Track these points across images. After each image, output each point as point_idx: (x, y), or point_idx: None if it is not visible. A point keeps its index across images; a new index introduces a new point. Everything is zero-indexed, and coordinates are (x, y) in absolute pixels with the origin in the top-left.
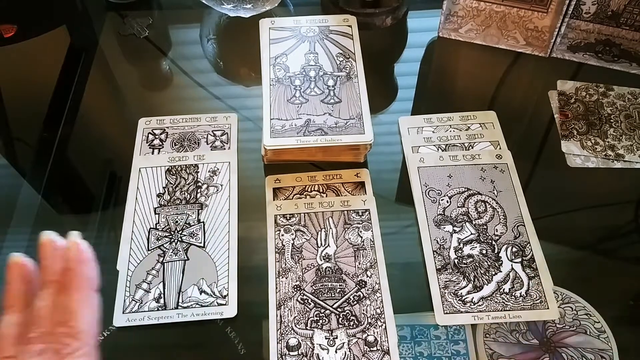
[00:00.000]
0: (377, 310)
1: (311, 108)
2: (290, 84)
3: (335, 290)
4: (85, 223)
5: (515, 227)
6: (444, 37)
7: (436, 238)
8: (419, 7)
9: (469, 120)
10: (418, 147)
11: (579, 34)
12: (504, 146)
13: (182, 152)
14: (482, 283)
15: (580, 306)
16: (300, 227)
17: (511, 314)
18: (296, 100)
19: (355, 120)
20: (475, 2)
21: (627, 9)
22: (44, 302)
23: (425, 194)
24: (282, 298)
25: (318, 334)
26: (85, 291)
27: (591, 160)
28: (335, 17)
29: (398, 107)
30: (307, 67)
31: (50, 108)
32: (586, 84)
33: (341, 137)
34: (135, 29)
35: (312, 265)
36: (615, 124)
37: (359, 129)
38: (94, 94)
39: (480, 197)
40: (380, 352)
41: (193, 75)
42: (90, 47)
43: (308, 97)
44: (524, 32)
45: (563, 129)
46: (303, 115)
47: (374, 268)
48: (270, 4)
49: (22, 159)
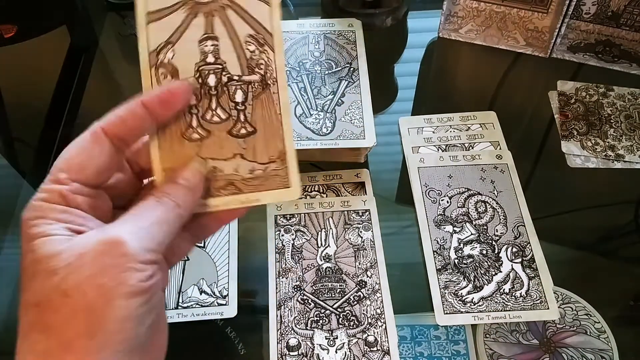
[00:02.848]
0: (377, 310)
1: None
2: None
3: (335, 291)
4: None
5: (516, 227)
6: (444, 37)
7: (436, 238)
8: (419, 8)
9: (469, 121)
10: (418, 148)
11: (579, 34)
12: (504, 146)
13: None
14: (482, 283)
15: (580, 306)
16: (301, 228)
17: (511, 314)
18: (194, 134)
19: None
20: (476, 3)
21: (627, 10)
22: None
23: (425, 194)
24: (282, 298)
25: (318, 334)
26: None
27: (591, 161)
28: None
29: (398, 107)
30: (203, 67)
31: (50, 108)
32: (586, 84)
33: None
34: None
35: (312, 266)
36: (615, 125)
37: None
38: (94, 94)
39: (481, 198)
40: (380, 352)
41: None
42: (90, 47)
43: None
44: (524, 32)
45: (563, 129)
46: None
47: (374, 268)
48: None
49: (22, 159)
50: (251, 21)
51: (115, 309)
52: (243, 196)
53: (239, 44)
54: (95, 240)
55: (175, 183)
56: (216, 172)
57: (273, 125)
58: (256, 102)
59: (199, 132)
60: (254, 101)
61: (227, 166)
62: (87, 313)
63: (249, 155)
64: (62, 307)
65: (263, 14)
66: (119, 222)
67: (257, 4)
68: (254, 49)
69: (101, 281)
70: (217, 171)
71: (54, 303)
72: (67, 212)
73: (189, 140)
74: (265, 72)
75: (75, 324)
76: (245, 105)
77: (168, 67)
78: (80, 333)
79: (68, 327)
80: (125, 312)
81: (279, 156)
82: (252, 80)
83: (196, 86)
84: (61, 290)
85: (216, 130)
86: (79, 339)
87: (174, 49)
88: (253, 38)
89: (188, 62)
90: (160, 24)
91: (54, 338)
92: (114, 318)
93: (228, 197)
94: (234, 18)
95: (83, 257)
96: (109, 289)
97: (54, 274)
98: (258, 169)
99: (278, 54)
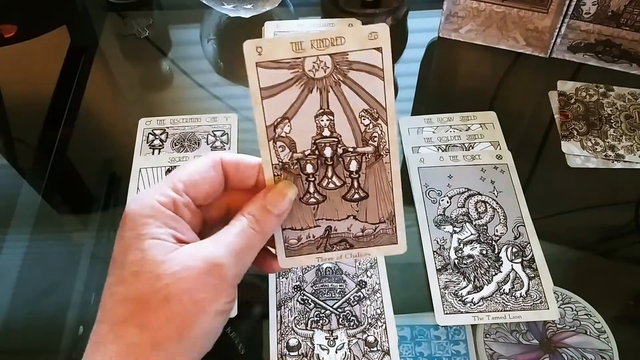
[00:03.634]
0: (377, 310)
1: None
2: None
3: (335, 291)
4: (85, 223)
5: (516, 227)
6: (444, 37)
7: (436, 238)
8: (419, 8)
9: (469, 121)
10: (418, 148)
11: (579, 34)
12: (504, 146)
13: (183, 153)
14: (482, 283)
15: (580, 306)
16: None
17: (511, 314)
18: (311, 199)
19: (387, 225)
20: (476, 3)
21: (627, 10)
22: None
23: (425, 195)
24: (282, 298)
25: (318, 334)
26: None
27: (591, 161)
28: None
29: (398, 107)
30: (320, 140)
31: (50, 108)
32: (586, 84)
33: (370, 250)
34: (136, 29)
35: (313, 266)
36: (615, 125)
37: (390, 237)
38: (94, 94)
39: (481, 198)
40: (380, 353)
41: (193, 75)
42: (90, 47)
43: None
44: (524, 32)
45: (563, 129)
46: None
47: (374, 268)
48: (270, 5)
49: (22, 159)
50: (365, 96)
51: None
52: (355, 251)
53: (353, 118)
54: (201, 258)
55: (269, 212)
56: (331, 231)
57: (384, 190)
58: (369, 171)
59: (316, 197)
60: (367, 170)
61: (341, 226)
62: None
63: (361, 216)
64: (160, 309)
65: (377, 89)
66: (218, 242)
67: (370, 79)
68: (368, 122)
69: (199, 296)
70: (332, 230)
71: (154, 304)
72: (175, 221)
73: (307, 204)
74: (379, 145)
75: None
76: (359, 174)
77: (286, 141)
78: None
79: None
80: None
81: (389, 217)
82: (366, 152)
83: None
84: (163, 295)
85: (331, 195)
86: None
87: (291, 124)
88: (367, 112)
89: (305, 136)
90: (276, 99)
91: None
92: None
93: (341, 251)
94: (348, 93)
95: (188, 270)
96: (204, 305)
97: (159, 279)
98: (369, 229)
99: (391, 127)
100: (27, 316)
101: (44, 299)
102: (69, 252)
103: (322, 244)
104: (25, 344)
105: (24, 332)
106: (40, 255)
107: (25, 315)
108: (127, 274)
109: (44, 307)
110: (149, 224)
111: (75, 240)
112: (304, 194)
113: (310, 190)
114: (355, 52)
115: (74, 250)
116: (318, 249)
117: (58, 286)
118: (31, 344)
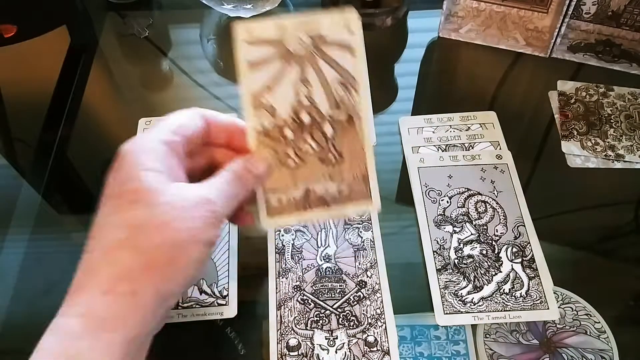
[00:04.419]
0: (377, 310)
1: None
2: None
3: (335, 291)
4: (85, 223)
5: (516, 227)
6: (444, 37)
7: (436, 238)
8: (419, 7)
9: (469, 121)
10: (418, 148)
11: (579, 34)
12: (504, 146)
13: None
14: (482, 283)
15: (580, 306)
16: (300, 228)
17: (511, 314)
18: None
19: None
20: (476, 3)
21: (627, 9)
22: None
23: (425, 194)
24: (282, 298)
25: (318, 334)
26: None
27: (591, 161)
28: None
29: (398, 107)
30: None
31: (50, 108)
32: (586, 84)
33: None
34: (136, 29)
35: (312, 266)
36: (615, 124)
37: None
38: (94, 94)
39: (481, 198)
40: (380, 353)
41: (193, 75)
42: (90, 47)
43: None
44: (524, 32)
45: (563, 129)
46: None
47: (374, 268)
48: (270, 4)
49: (22, 159)
50: (339, 69)
51: (195, 251)
52: (332, 210)
53: (328, 88)
54: (196, 193)
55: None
56: (310, 192)
57: (357, 152)
58: (343, 135)
59: (296, 160)
60: (342, 134)
61: (319, 187)
62: (173, 246)
63: (337, 177)
64: (155, 235)
65: (349, 63)
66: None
67: (343, 54)
68: (342, 92)
69: (192, 225)
70: (311, 191)
71: (149, 230)
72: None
73: (287, 167)
74: (352, 111)
75: (161, 251)
76: (335, 138)
77: (268, 109)
78: (164, 261)
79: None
80: (199, 256)
81: (363, 178)
82: (340, 118)
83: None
84: (158, 222)
85: (310, 158)
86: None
87: (273, 94)
88: (341, 83)
89: (285, 104)
90: (260, 71)
91: (139, 258)
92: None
93: (320, 212)
94: (324, 67)
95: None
96: (196, 234)
97: (155, 207)
98: (344, 189)
99: (363, 96)
100: (27, 316)
101: (44, 299)
102: (68, 252)
103: (302, 205)
104: (26, 344)
105: (24, 332)
106: (40, 255)
107: (25, 315)
108: (125, 202)
109: (44, 307)
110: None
111: (75, 240)
112: (285, 157)
113: (290, 154)
114: (330, 33)
115: (74, 250)
116: (298, 209)
117: (58, 286)
118: (31, 344)
